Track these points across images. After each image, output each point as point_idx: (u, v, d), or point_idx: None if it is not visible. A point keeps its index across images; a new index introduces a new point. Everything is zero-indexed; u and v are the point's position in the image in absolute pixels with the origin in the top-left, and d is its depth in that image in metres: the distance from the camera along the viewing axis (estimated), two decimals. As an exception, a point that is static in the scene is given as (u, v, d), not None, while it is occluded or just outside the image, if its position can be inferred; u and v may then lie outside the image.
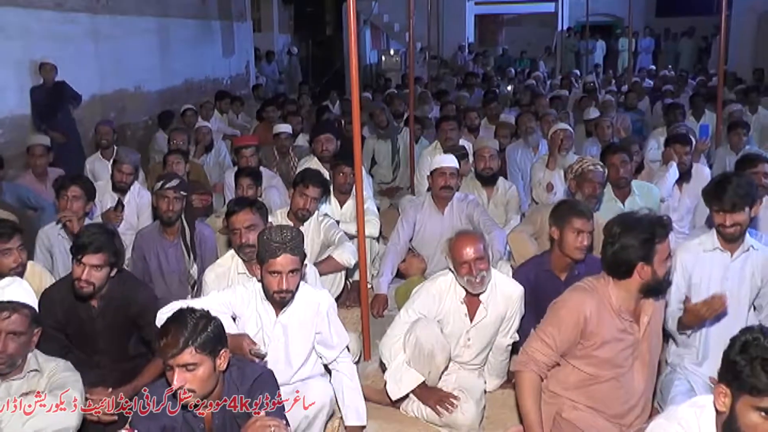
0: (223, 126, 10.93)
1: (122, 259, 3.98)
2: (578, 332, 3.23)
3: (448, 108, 10.43)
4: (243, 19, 15.96)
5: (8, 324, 3.11)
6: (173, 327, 2.72)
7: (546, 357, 3.32)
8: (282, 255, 3.41)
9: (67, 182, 5.12)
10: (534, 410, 3.29)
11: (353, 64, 4.48)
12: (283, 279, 3.45)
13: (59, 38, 9.19)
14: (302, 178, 5.23)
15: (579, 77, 16.13)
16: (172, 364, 2.68)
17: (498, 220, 5.90)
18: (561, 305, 3.31)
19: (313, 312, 3.69)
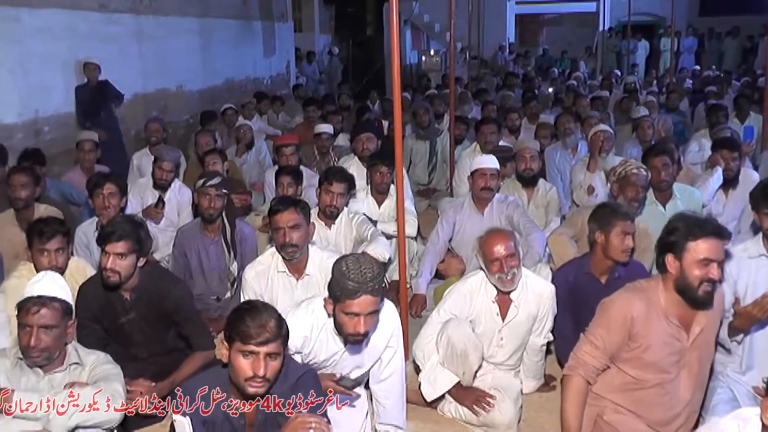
0: (263, 126, 11.01)
1: (147, 247, 4.01)
2: (626, 332, 3.19)
3: (488, 108, 10.38)
4: (284, 19, 16.03)
5: (38, 318, 3.14)
6: (263, 315, 2.70)
7: (595, 360, 3.27)
8: (361, 296, 3.12)
9: (101, 180, 5.21)
10: (575, 417, 3.24)
11: (395, 64, 4.47)
12: (361, 321, 3.17)
13: (104, 38, 9.33)
14: (326, 176, 5.26)
15: (620, 78, 15.94)
16: (258, 350, 2.65)
17: (538, 222, 5.86)
18: (609, 305, 3.27)
19: (387, 335, 3.61)
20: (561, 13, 26.94)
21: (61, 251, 4.30)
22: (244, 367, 2.68)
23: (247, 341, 2.65)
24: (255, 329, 2.65)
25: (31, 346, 3.12)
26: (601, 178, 6.15)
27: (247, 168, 8.28)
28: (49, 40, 8.25)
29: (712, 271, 3.03)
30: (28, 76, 7.90)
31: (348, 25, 21.51)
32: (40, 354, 3.15)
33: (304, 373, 2.97)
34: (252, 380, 2.68)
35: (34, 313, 3.15)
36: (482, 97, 12.34)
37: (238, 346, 2.68)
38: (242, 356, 2.68)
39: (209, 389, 2.80)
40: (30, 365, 3.19)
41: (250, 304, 2.81)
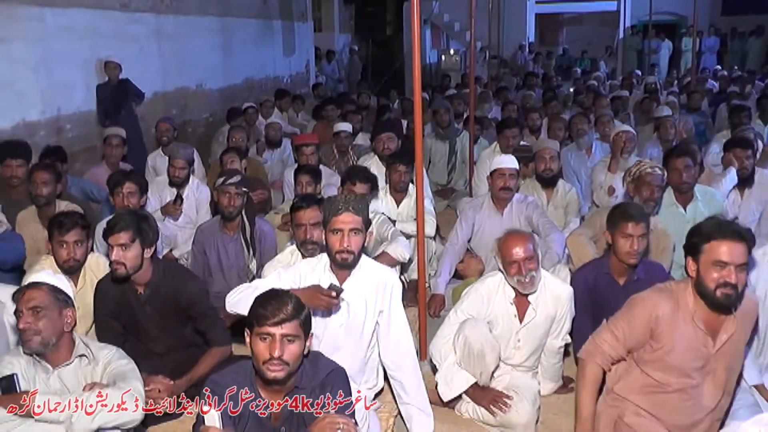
0: (283, 124, 11.02)
1: (152, 237, 4.01)
2: (648, 331, 3.18)
3: (509, 108, 10.35)
4: (304, 18, 16.06)
5: (27, 301, 3.14)
6: (279, 297, 2.74)
7: (613, 350, 3.29)
8: (344, 213, 3.44)
9: (120, 180, 5.25)
10: (589, 403, 3.30)
11: (416, 64, 4.46)
12: (345, 237, 3.46)
13: (125, 38, 9.40)
14: (349, 176, 5.27)
15: (641, 78, 15.83)
16: (275, 332, 2.67)
17: (557, 223, 5.84)
18: (637, 301, 3.27)
19: (379, 287, 3.68)
20: (581, 13, 26.79)
21: (80, 244, 4.33)
22: (262, 350, 2.70)
23: (262, 323, 2.69)
24: (270, 311, 2.69)
25: (22, 328, 3.11)
26: (622, 179, 6.11)
27: (270, 166, 8.32)
28: (71, 39, 8.33)
29: (729, 275, 2.97)
30: (51, 74, 7.97)
31: (367, 24, 21.52)
32: (32, 337, 3.11)
33: (334, 369, 2.97)
34: (269, 363, 2.69)
35: (22, 298, 3.16)
36: (503, 97, 12.29)
37: (255, 330, 2.72)
38: (260, 339, 2.71)
39: (237, 388, 2.81)
40: (28, 353, 3.17)
41: (270, 291, 2.83)
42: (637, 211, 4.11)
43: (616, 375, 3.38)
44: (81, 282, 4.43)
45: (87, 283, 4.44)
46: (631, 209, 4.15)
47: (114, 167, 7.04)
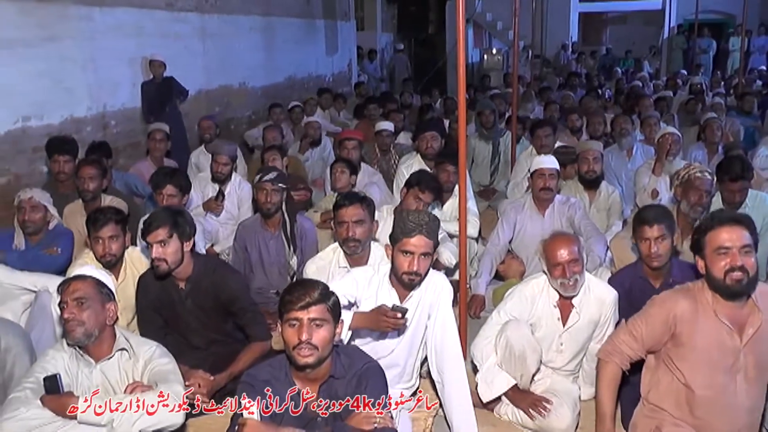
0: (326, 123, 11.06)
1: (189, 231, 4.04)
2: (666, 331, 3.17)
3: (551, 108, 10.25)
4: (347, 18, 16.12)
5: (71, 293, 3.17)
6: (306, 284, 2.78)
7: (631, 350, 3.29)
8: (417, 236, 3.42)
9: (161, 182, 5.29)
10: (609, 402, 3.32)
11: (460, 63, 4.44)
12: (415, 260, 3.44)
13: (170, 36, 9.54)
14: (418, 182, 5.17)
15: (686, 78, 15.56)
16: (302, 317, 2.71)
17: (599, 225, 5.78)
18: (654, 302, 3.28)
19: (430, 292, 3.67)
20: (625, 12, 26.41)
21: (115, 239, 4.37)
22: (291, 335, 2.73)
23: (289, 309, 2.72)
24: (297, 296, 2.72)
25: (66, 318, 3.14)
26: (666, 182, 6.01)
27: (311, 164, 8.35)
28: (118, 38, 8.47)
29: (734, 258, 2.98)
30: (98, 71, 8.10)
31: (410, 23, 21.50)
32: (75, 327, 3.13)
33: (369, 362, 2.98)
34: (299, 348, 2.71)
35: (67, 289, 3.20)
36: (545, 97, 12.17)
37: (284, 317, 2.75)
38: (288, 326, 2.74)
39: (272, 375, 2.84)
40: (71, 344, 3.20)
41: (300, 279, 2.85)
42: (652, 214, 4.06)
43: (648, 383, 3.36)
44: (122, 275, 4.49)
45: (128, 276, 4.51)
46: (646, 212, 4.12)
47: (158, 162, 7.15)
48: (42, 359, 3.25)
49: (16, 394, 3.05)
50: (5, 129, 6.82)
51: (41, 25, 7.20)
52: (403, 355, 3.77)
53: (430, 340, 3.74)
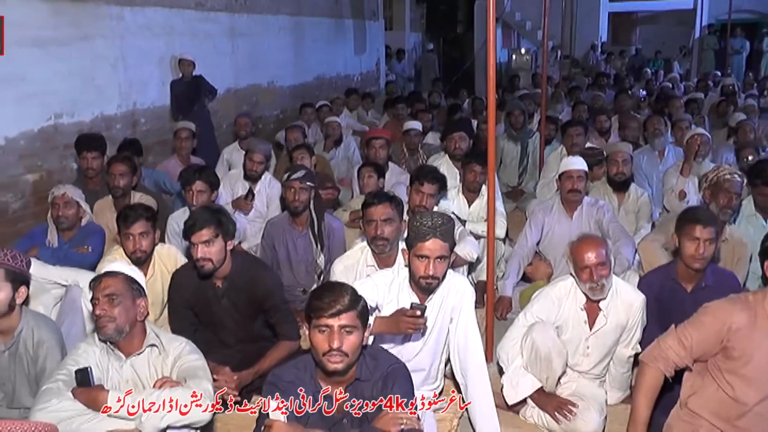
0: (352, 122, 11.10)
1: (231, 230, 4.07)
2: (718, 342, 3.05)
3: (579, 108, 10.18)
4: (375, 17, 16.14)
5: (103, 289, 3.19)
6: (336, 289, 2.76)
7: (678, 357, 3.17)
8: (431, 239, 3.40)
9: (191, 178, 5.31)
10: (646, 408, 3.22)
11: (491, 63, 4.42)
12: (431, 264, 3.42)
13: (199, 35, 9.62)
14: (417, 175, 5.20)
15: (718, 79, 15.37)
16: (332, 324, 2.69)
17: (628, 228, 5.73)
18: (708, 311, 3.14)
19: (451, 294, 3.66)
20: (656, 11, 26.12)
21: (145, 235, 4.42)
22: (320, 342, 2.71)
23: (320, 315, 2.70)
24: (327, 302, 2.70)
25: (98, 315, 3.16)
26: (695, 183, 5.95)
27: (336, 163, 8.36)
28: (148, 37, 8.55)
29: None
30: (128, 70, 8.18)
31: (438, 22, 21.47)
32: (107, 324, 3.15)
33: (396, 363, 2.97)
34: (329, 354, 2.70)
35: (98, 285, 3.22)
36: (574, 97, 12.09)
37: (313, 322, 2.73)
38: (318, 332, 2.72)
39: (297, 377, 2.84)
40: (103, 339, 3.22)
41: (328, 283, 2.87)
42: (706, 216, 4.00)
43: (690, 388, 3.26)
44: (151, 271, 4.54)
45: (157, 272, 4.56)
46: (700, 213, 4.05)
47: (185, 160, 7.21)
48: (74, 352, 3.29)
49: (49, 386, 3.09)
50: (38, 126, 6.91)
51: (74, 24, 7.29)
52: (427, 359, 3.76)
53: (452, 342, 3.73)
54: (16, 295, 3.50)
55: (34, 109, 6.86)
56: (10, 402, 3.63)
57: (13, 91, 6.57)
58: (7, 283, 3.46)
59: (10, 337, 3.55)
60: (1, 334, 3.57)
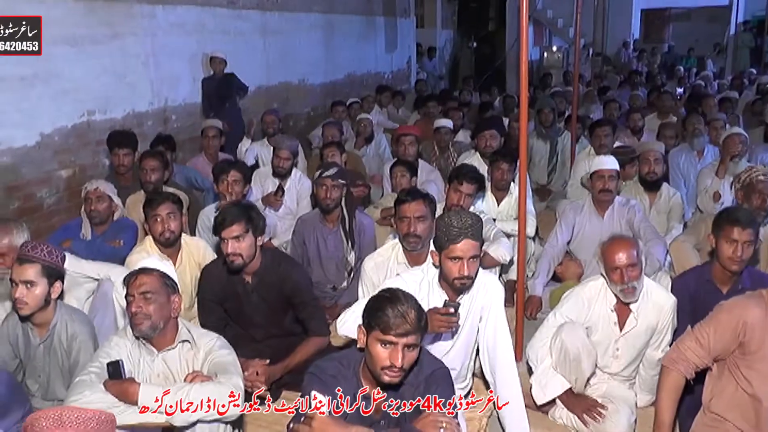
0: (383, 119, 11.11)
1: (261, 225, 4.09)
2: (735, 338, 3.06)
3: (611, 107, 10.09)
4: (407, 15, 16.12)
5: (138, 286, 3.21)
6: (406, 305, 2.68)
7: (697, 357, 3.17)
8: (463, 240, 3.35)
9: (226, 167, 5.40)
10: (669, 411, 3.22)
11: (523, 61, 4.38)
12: (465, 265, 3.38)
13: (231, 33, 9.69)
14: (457, 174, 5.16)
15: (754, 77, 15.12)
16: (398, 342, 2.64)
17: (659, 228, 5.67)
18: (723, 308, 3.16)
19: (481, 293, 3.64)
20: (689, 8, 25.74)
21: (172, 216, 4.52)
22: (382, 356, 2.67)
23: (387, 332, 2.64)
24: (396, 320, 2.63)
25: (134, 312, 3.19)
26: (730, 184, 5.87)
27: (366, 161, 8.38)
28: (180, 35, 8.62)
29: None
30: (160, 67, 8.26)
31: (470, 20, 21.38)
32: (142, 321, 3.18)
33: (439, 368, 2.94)
34: (389, 369, 2.67)
35: (133, 282, 3.24)
36: (605, 96, 11.98)
37: (377, 335, 2.67)
38: (380, 345, 2.67)
39: (340, 372, 2.83)
40: (138, 336, 3.26)
41: (391, 292, 2.77)
42: (746, 217, 3.92)
43: (710, 391, 3.25)
44: (179, 261, 4.63)
45: (185, 262, 4.65)
46: (739, 214, 3.96)
47: (212, 158, 7.27)
48: (107, 345, 3.32)
49: (82, 378, 3.12)
50: (71, 123, 7.00)
51: (107, 23, 7.37)
52: (458, 358, 3.75)
53: (482, 342, 3.71)
54: (51, 290, 3.57)
55: (68, 106, 6.95)
56: (45, 393, 3.71)
57: (48, 88, 6.66)
58: (43, 279, 3.52)
59: (45, 330, 3.62)
60: (37, 327, 3.64)
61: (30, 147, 6.53)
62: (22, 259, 3.54)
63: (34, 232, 4.99)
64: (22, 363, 3.76)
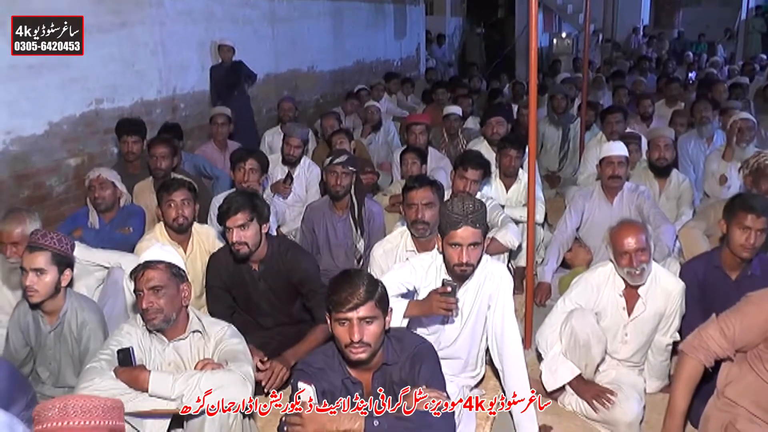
0: (392, 107, 11.09)
1: (266, 213, 4.12)
2: (762, 332, 2.98)
3: (620, 93, 10.04)
4: (416, 2, 16.06)
5: (146, 281, 3.21)
6: (351, 281, 2.75)
7: (719, 348, 3.10)
8: (462, 227, 3.37)
9: (244, 155, 5.38)
10: (684, 398, 3.17)
11: (533, 47, 4.36)
12: (464, 252, 3.40)
13: (239, 21, 9.64)
14: (462, 161, 5.17)
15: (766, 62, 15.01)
16: (351, 317, 2.70)
17: (669, 215, 5.65)
18: (752, 300, 3.08)
19: (489, 281, 3.64)
20: (700, -8, 25.59)
21: (187, 202, 4.53)
22: (342, 334, 2.73)
23: (338, 310, 2.71)
24: (344, 296, 2.70)
25: (145, 308, 3.19)
26: (737, 168, 5.83)
27: (375, 148, 8.37)
28: (187, 23, 8.59)
29: None
30: (168, 56, 8.24)
31: (479, 7, 21.28)
32: (155, 315, 3.19)
33: (421, 343, 2.97)
34: (351, 346, 2.72)
35: (141, 278, 3.23)
36: (617, 82, 11.93)
37: (333, 315, 2.75)
38: (339, 324, 2.74)
39: (326, 363, 2.86)
40: (151, 330, 3.27)
41: (342, 273, 2.84)
42: (760, 204, 3.87)
43: (726, 377, 3.20)
44: (190, 248, 4.65)
45: (195, 249, 4.67)
46: (753, 200, 3.92)
47: (221, 145, 7.30)
48: (117, 333, 3.34)
49: (92, 365, 3.14)
50: (80, 111, 7.00)
51: (115, 11, 7.35)
52: (465, 346, 3.75)
53: (490, 329, 3.71)
54: (61, 277, 3.59)
55: (76, 95, 6.94)
56: (56, 381, 3.74)
57: (56, 76, 6.65)
58: (53, 266, 3.54)
59: (55, 318, 3.64)
60: (48, 315, 3.66)
61: (38, 136, 6.52)
62: (32, 246, 3.56)
63: (44, 221, 5.00)
64: (32, 351, 3.79)
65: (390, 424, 2.67)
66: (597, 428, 3.83)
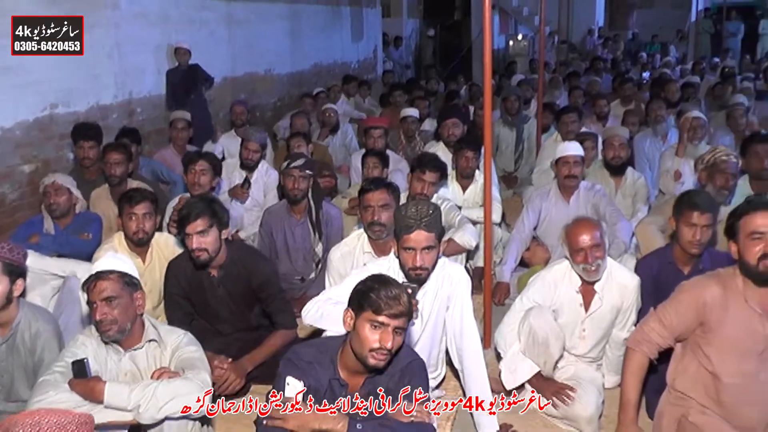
0: (349, 109, 11.08)
1: (225, 219, 4.08)
2: (696, 317, 3.13)
3: (576, 94, 10.17)
4: (372, 4, 16.07)
5: (99, 293, 3.14)
6: (395, 286, 2.70)
7: (660, 338, 3.25)
8: (416, 231, 3.36)
9: (195, 157, 5.38)
10: (634, 390, 3.31)
11: (487, 49, 4.41)
12: (417, 255, 3.39)
13: (195, 23, 9.59)
14: (419, 163, 5.19)
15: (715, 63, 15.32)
16: (389, 323, 2.64)
17: (625, 212, 5.74)
18: (683, 288, 3.23)
19: (446, 283, 3.64)
20: (654, -6, 25.99)
21: (149, 216, 4.47)
22: (372, 338, 2.66)
23: (379, 312, 2.64)
24: (388, 301, 2.64)
25: (99, 320, 3.13)
26: (690, 165, 5.94)
27: (333, 151, 8.36)
28: (144, 26, 8.52)
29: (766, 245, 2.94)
30: (124, 59, 8.15)
31: (436, 9, 21.36)
32: (110, 327, 3.13)
33: (414, 359, 2.95)
34: (377, 351, 2.66)
35: (93, 289, 3.17)
36: (573, 82, 12.08)
37: (368, 315, 2.66)
38: (371, 326, 2.66)
39: (316, 358, 2.82)
40: (106, 341, 3.21)
41: (381, 277, 2.77)
42: (704, 201, 3.98)
43: (674, 370, 3.32)
44: (149, 259, 4.58)
45: (155, 259, 4.59)
46: (698, 198, 4.02)
47: (181, 150, 7.24)
48: (72, 343, 3.27)
49: (46, 378, 3.08)
50: (34, 116, 6.89)
51: (70, 12, 7.24)
52: (425, 348, 3.75)
53: (449, 330, 3.73)
54: (13, 287, 3.49)
55: (29, 99, 6.83)
56: (8, 395, 3.62)
57: (8, 80, 6.53)
58: (4, 276, 3.45)
59: (7, 329, 3.54)
60: (-1, 326, 3.58)
61: (-10, 141, 6.43)
62: None
63: (-4, 229, 4.94)
64: (-17, 364, 3.69)
65: (373, 429, 2.67)
66: (557, 424, 3.87)
